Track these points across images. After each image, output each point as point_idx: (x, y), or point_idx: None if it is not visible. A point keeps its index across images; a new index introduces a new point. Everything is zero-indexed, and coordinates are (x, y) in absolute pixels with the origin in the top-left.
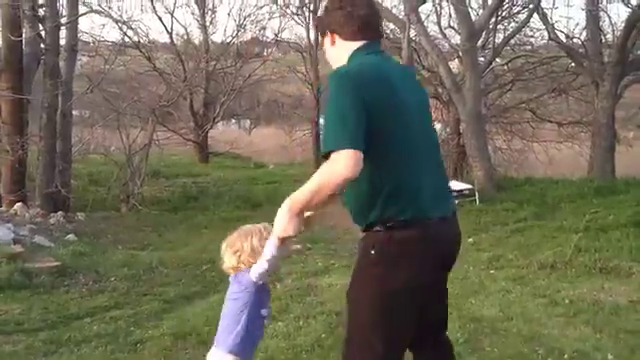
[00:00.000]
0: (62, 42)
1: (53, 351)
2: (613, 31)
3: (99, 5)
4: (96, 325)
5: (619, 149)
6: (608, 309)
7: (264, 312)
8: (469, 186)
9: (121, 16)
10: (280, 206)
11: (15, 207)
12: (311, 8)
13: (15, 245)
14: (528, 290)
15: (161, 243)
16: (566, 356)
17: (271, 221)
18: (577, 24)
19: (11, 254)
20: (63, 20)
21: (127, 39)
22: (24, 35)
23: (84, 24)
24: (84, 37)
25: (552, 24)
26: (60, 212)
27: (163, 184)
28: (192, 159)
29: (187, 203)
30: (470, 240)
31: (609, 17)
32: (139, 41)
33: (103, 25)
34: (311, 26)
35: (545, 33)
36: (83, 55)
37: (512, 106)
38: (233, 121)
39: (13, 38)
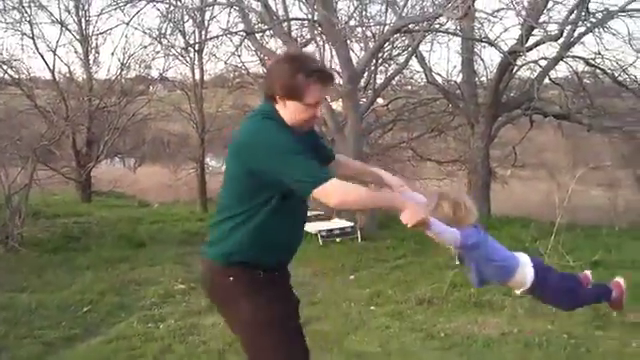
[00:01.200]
0: None
1: None
2: (487, 74)
3: None
4: None
5: (496, 187)
6: (481, 342)
7: None
8: (351, 224)
9: (1, 53)
10: (162, 245)
11: None
12: (196, 48)
13: None
14: (406, 325)
15: (41, 285)
16: None
17: (154, 260)
18: (455, 66)
19: None
20: None
21: (7, 76)
22: None
23: None
24: None
25: (429, 67)
26: None
27: (44, 224)
28: (74, 198)
29: (68, 243)
30: (352, 277)
31: (482, 61)
32: (19, 79)
33: None
34: (196, 65)
35: (424, 75)
36: None
37: (393, 145)
38: (117, 159)
39: None
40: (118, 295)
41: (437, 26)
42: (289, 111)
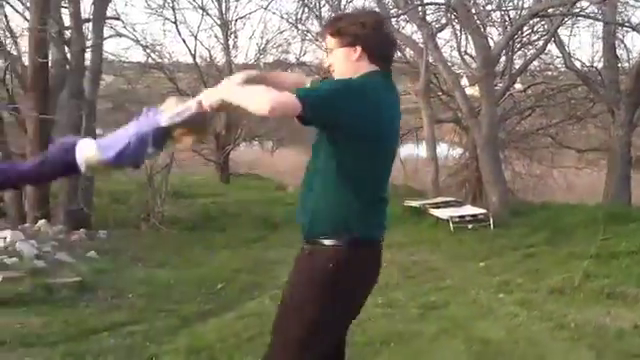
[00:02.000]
0: (87, 63)
1: None
2: (629, 59)
3: (124, 27)
4: (113, 339)
5: (638, 177)
6: (612, 333)
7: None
8: (483, 211)
9: (145, 38)
10: (296, 228)
11: (39, 224)
12: None
13: (38, 261)
14: (535, 314)
15: (179, 262)
16: None
17: (288, 242)
18: (597, 52)
19: (34, 269)
20: (88, 43)
21: (151, 60)
22: (50, 57)
23: (109, 46)
24: (109, 57)
25: (569, 52)
26: (82, 229)
27: (183, 204)
28: (213, 179)
29: (206, 223)
30: (482, 264)
31: (625, 46)
32: (162, 62)
33: (128, 48)
34: None
35: (563, 60)
36: (107, 75)
37: (532, 132)
38: (256, 142)
39: (40, 60)
40: (252, 274)
41: (577, 10)
42: None
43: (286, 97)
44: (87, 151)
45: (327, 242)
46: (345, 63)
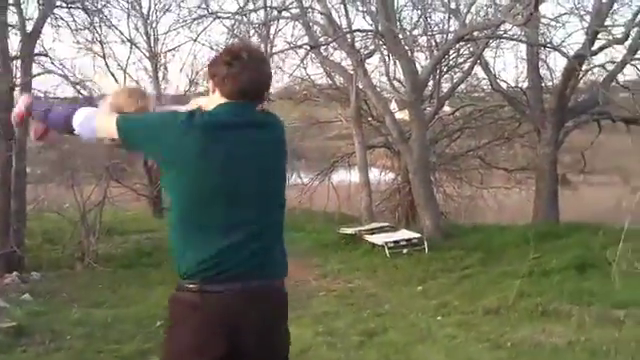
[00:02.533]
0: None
1: None
2: (552, 79)
3: (53, 64)
4: None
5: (566, 193)
6: (548, 350)
7: None
8: (418, 235)
9: (74, 75)
10: None
11: None
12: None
13: None
14: (473, 335)
15: (116, 300)
16: None
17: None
18: (521, 72)
19: None
20: (18, 81)
21: (80, 96)
22: None
23: (37, 83)
24: (38, 95)
25: (494, 74)
26: (15, 272)
27: (117, 241)
28: (146, 214)
29: (141, 259)
30: (419, 288)
31: (548, 66)
32: (92, 97)
33: (57, 85)
34: None
35: (489, 82)
36: None
37: (461, 154)
38: None
39: None
40: None
41: (501, 32)
42: None
43: (108, 122)
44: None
45: (183, 284)
46: (208, 99)
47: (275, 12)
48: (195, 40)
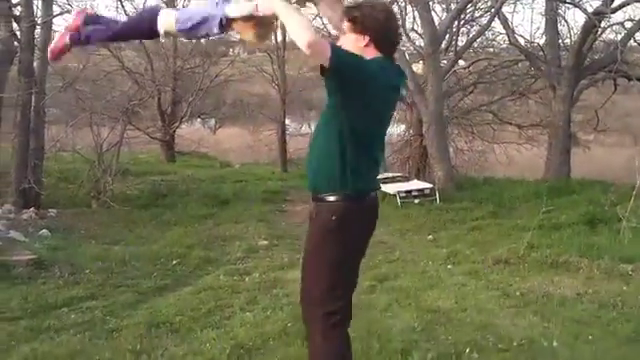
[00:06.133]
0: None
1: (34, 338)
2: (570, 36)
3: (69, 5)
4: (73, 314)
5: (577, 151)
6: (556, 300)
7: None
8: (430, 186)
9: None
10: (245, 203)
11: None
12: None
13: None
14: (482, 284)
15: (132, 238)
16: (515, 343)
17: (237, 218)
18: (538, 28)
19: None
20: (38, 20)
21: None
22: None
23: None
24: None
25: (512, 29)
26: (32, 208)
27: (132, 182)
28: (159, 158)
29: (156, 200)
30: (430, 237)
31: (567, 22)
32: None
33: None
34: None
35: (506, 37)
36: None
37: (474, 108)
38: (198, 120)
39: None
40: (205, 249)
41: None
42: None
43: (323, 41)
44: (167, 20)
45: (328, 198)
46: (353, 46)
47: None
48: None
